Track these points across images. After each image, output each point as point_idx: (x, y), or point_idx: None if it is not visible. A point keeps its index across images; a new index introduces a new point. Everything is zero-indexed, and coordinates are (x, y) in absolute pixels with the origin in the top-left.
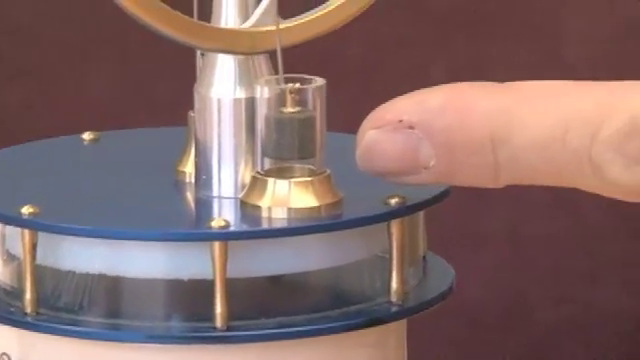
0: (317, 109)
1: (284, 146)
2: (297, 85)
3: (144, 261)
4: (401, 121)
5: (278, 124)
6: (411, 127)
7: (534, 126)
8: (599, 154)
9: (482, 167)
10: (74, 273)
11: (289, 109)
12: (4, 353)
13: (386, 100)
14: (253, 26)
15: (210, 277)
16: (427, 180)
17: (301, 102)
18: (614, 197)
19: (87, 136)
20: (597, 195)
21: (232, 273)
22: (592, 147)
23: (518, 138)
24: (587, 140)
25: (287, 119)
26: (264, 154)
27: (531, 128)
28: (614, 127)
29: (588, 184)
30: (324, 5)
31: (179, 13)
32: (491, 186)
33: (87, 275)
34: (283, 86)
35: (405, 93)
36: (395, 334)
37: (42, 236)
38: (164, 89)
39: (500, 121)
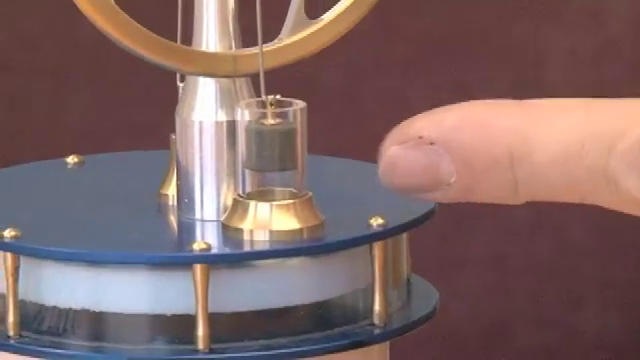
0: (298, 130)
1: (265, 158)
2: (277, 96)
3: (127, 296)
4: (422, 137)
5: (259, 136)
6: (432, 143)
7: (551, 142)
8: (614, 169)
9: (501, 183)
10: (56, 307)
11: (270, 121)
12: None
13: (366, 124)
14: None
15: (193, 312)
16: (447, 197)
17: (281, 117)
18: (631, 213)
19: (71, 159)
20: (580, 218)
21: (215, 307)
22: (608, 162)
23: (536, 155)
24: (603, 155)
25: (268, 131)
26: (246, 167)
27: (548, 144)
28: (629, 142)
29: (605, 199)
30: (305, 28)
31: (160, 37)
32: (511, 202)
33: (70, 310)
34: (264, 97)
35: (384, 117)
36: (378, 356)
37: (25, 268)
38: (146, 112)
39: (517, 138)
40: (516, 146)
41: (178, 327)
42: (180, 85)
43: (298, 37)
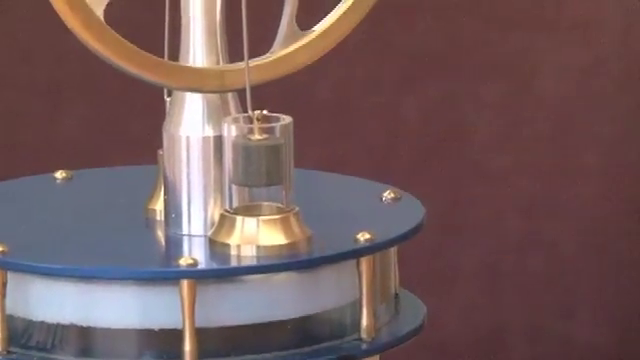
0: (284, 145)
1: (252, 173)
2: (264, 111)
3: (114, 311)
4: None
5: (245, 151)
6: None
7: None
8: None
9: None
10: (44, 322)
11: (256, 136)
12: None
13: (357, 138)
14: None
15: (181, 327)
16: None
17: (268, 132)
18: None
19: (59, 175)
20: (572, 231)
21: (202, 322)
22: None
23: None
24: None
25: (254, 146)
26: (232, 182)
27: None
28: None
29: None
30: (296, 41)
31: (147, 53)
32: None
33: (58, 325)
34: (250, 113)
35: (376, 131)
36: None
37: (12, 285)
38: (135, 128)
39: None
40: None
41: (166, 342)
42: (167, 100)
43: (286, 52)
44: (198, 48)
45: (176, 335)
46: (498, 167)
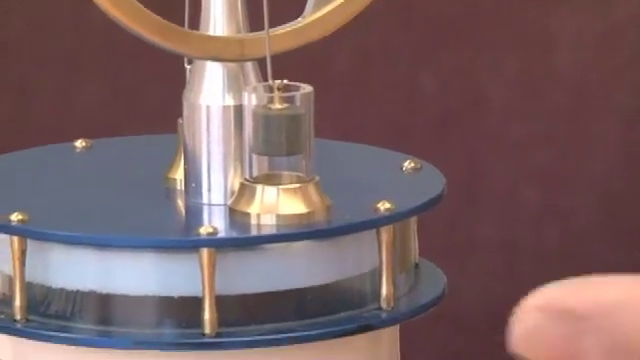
0: (305, 115)
1: (272, 143)
2: (285, 81)
3: (134, 278)
4: (572, 311)
5: (266, 121)
6: (580, 319)
7: None
8: None
9: None
10: (64, 289)
11: (277, 106)
12: None
13: (375, 109)
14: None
15: (200, 294)
16: None
17: (289, 101)
18: None
19: (79, 144)
20: (589, 202)
21: (222, 290)
22: None
23: None
24: None
25: (275, 115)
26: (252, 151)
27: None
28: None
29: None
30: (313, 13)
31: (167, 22)
32: None
33: (77, 292)
34: (271, 82)
35: (394, 102)
36: (387, 340)
37: (32, 251)
38: (155, 96)
39: None
40: None
41: (185, 310)
42: (188, 67)
43: (306, 21)
44: (218, 17)
45: (196, 303)
46: (516, 138)
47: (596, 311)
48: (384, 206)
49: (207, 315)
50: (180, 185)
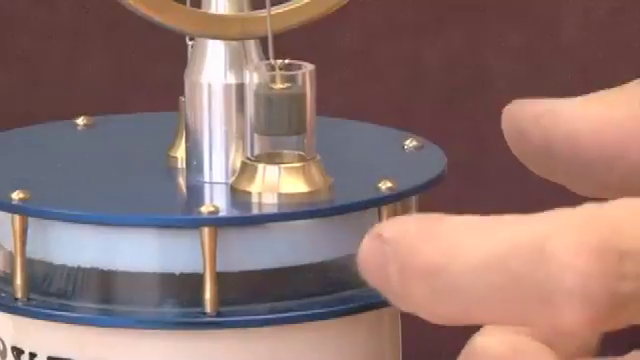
0: (307, 94)
1: (274, 122)
2: (286, 60)
3: (135, 254)
4: (380, 234)
5: (267, 100)
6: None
7: (472, 252)
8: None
9: (424, 295)
10: (65, 266)
11: (278, 85)
12: None
13: (379, 86)
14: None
15: (201, 271)
16: (391, 299)
17: (290, 80)
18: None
19: (81, 121)
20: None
21: (223, 267)
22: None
23: (456, 265)
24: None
25: (276, 95)
26: (254, 130)
27: (468, 255)
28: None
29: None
30: None
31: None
32: (433, 318)
33: (79, 268)
34: (272, 61)
35: (398, 79)
36: (389, 319)
37: (33, 228)
38: (157, 74)
39: (439, 251)
40: (436, 258)
41: (186, 288)
42: (190, 43)
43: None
44: None
45: (197, 281)
46: None
47: (394, 236)
48: (385, 185)
49: (208, 294)
50: (181, 163)
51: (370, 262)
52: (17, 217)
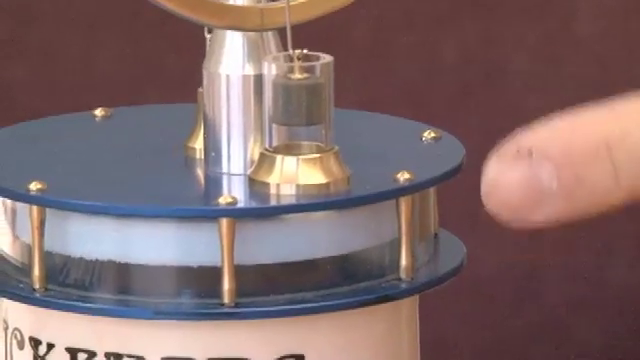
0: (325, 85)
1: (292, 112)
2: (304, 50)
3: (153, 247)
4: (519, 150)
5: (286, 90)
6: (530, 153)
7: None
8: None
9: (603, 174)
10: (83, 258)
11: (297, 75)
12: (16, 329)
13: (395, 78)
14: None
15: (219, 264)
16: (551, 210)
17: (309, 71)
18: None
19: (98, 112)
20: None
21: (241, 259)
22: None
23: (631, 137)
24: None
25: (294, 85)
26: (272, 121)
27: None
28: None
29: None
30: None
31: None
32: (614, 199)
33: (96, 261)
34: (291, 52)
35: (414, 72)
36: (406, 310)
37: (51, 221)
38: (175, 65)
39: (610, 127)
40: (610, 133)
41: (204, 279)
42: (208, 36)
43: None
44: None
45: (215, 273)
46: (536, 108)
47: (539, 142)
48: (404, 176)
49: (226, 285)
50: (200, 154)
51: (514, 176)
52: (35, 208)
